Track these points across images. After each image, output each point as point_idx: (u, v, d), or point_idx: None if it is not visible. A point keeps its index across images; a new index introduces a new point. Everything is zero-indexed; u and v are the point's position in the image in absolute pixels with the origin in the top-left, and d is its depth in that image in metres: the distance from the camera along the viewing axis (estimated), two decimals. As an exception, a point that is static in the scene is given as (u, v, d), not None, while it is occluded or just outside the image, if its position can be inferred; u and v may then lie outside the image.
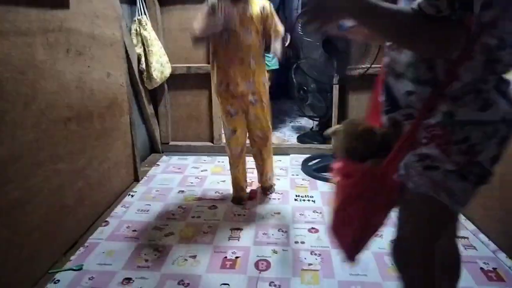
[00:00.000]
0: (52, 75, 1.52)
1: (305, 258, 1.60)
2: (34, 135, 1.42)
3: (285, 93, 5.14)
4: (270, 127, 2.06)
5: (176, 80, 2.80)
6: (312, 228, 1.83)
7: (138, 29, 2.47)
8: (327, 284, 1.44)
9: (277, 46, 1.89)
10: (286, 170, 2.57)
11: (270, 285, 1.43)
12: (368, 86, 2.72)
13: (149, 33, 2.50)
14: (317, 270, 1.52)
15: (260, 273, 1.51)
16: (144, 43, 2.48)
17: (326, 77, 2.46)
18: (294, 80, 3.22)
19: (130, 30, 2.46)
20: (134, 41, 2.46)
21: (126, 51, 2.29)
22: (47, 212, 1.50)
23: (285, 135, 3.39)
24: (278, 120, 3.95)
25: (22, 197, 1.35)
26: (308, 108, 3.18)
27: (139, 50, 2.48)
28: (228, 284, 1.44)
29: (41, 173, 1.46)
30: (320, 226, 1.85)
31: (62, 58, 1.59)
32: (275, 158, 2.77)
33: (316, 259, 1.59)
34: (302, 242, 1.72)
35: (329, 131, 1.16)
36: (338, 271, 1.52)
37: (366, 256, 1.61)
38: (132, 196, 2.19)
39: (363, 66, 2.27)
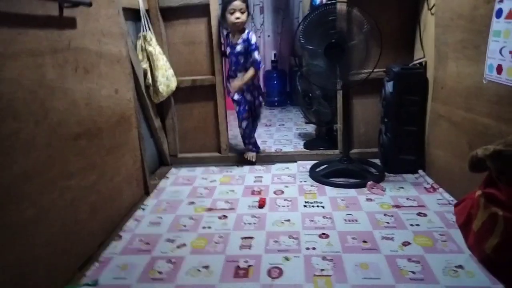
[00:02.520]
0: (61, 93, 1.56)
1: (317, 264, 1.60)
2: (46, 153, 1.45)
3: (290, 101, 5.19)
4: None
5: (182, 93, 2.85)
6: (323, 233, 1.84)
7: (143, 45, 2.52)
8: (340, 289, 1.44)
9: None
10: (294, 177, 2.59)
11: (283, 292, 1.44)
12: (372, 90, 2.78)
13: (154, 48, 2.55)
14: (330, 276, 1.52)
15: (273, 280, 1.51)
16: (149, 58, 2.53)
17: (329, 83, 2.48)
18: (299, 87, 3.25)
19: (135, 46, 2.51)
20: (140, 56, 2.51)
21: (133, 67, 2.34)
22: (61, 228, 1.52)
23: (292, 142, 3.41)
24: (284, 128, 3.98)
25: (37, 214, 1.38)
26: (314, 115, 3.20)
27: (145, 65, 2.53)
28: (241, 293, 1.45)
29: (54, 190, 1.49)
30: (331, 231, 1.85)
31: (71, 76, 1.64)
32: (282, 165, 2.80)
33: (328, 264, 1.60)
34: (313, 248, 1.72)
35: (485, 152, 0.96)
36: (351, 275, 1.52)
37: (378, 259, 1.61)
38: (143, 209, 2.21)
39: (365, 71, 2.29)
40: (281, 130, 3.89)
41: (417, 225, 1.87)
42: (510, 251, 0.93)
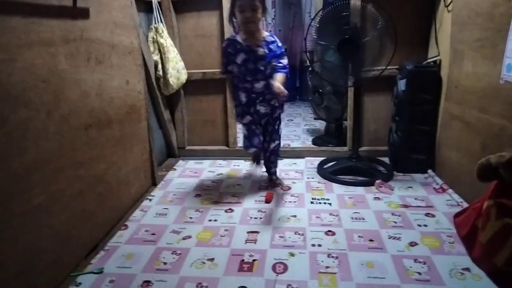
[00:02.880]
0: (73, 83, 1.57)
1: (322, 261, 1.60)
2: (57, 142, 1.47)
3: (299, 96, 5.16)
4: None
5: (192, 86, 2.85)
6: (329, 231, 1.83)
7: (154, 37, 2.52)
8: (344, 287, 1.44)
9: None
10: (302, 173, 2.58)
11: (287, 287, 1.44)
12: (384, 88, 2.74)
13: (165, 40, 2.55)
14: (335, 273, 1.52)
15: (277, 275, 1.51)
16: (160, 50, 2.53)
17: (341, 79, 2.46)
18: (309, 82, 3.23)
19: (147, 37, 2.51)
20: (151, 48, 2.51)
21: (144, 59, 2.34)
22: (69, 216, 1.54)
23: (300, 138, 3.39)
24: (292, 123, 3.96)
25: (46, 202, 1.40)
26: (324, 111, 3.18)
27: (155, 57, 2.53)
28: (245, 287, 1.45)
29: (63, 179, 1.51)
30: (337, 228, 1.85)
31: (83, 67, 1.65)
32: (290, 161, 2.79)
33: (333, 262, 1.59)
34: (319, 245, 1.72)
35: (500, 159, 0.92)
36: (356, 273, 1.51)
37: (384, 258, 1.60)
38: (150, 200, 2.23)
39: (378, 68, 2.26)
40: (290, 126, 3.87)
41: (425, 225, 1.86)
42: None
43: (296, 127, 3.79)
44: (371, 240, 1.74)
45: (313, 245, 1.72)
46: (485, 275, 1.42)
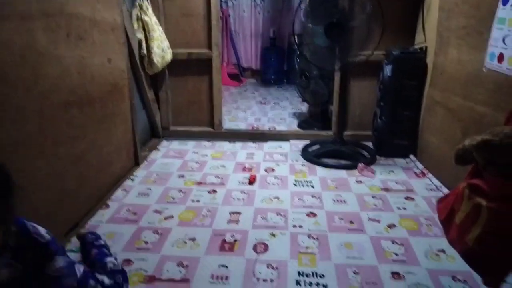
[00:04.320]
0: (53, 59, 1.53)
1: (302, 242, 1.62)
2: (36, 120, 1.44)
3: (286, 79, 5.14)
4: None
5: (177, 66, 2.80)
6: (310, 212, 1.86)
7: (139, 14, 2.46)
8: (323, 266, 1.47)
9: None
10: (286, 156, 2.59)
11: (267, 267, 1.46)
12: (370, 73, 2.75)
13: (150, 18, 2.49)
14: (314, 254, 1.55)
15: (258, 255, 1.54)
16: (145, 28, 2.47)
17: (328, 63, 2.45)
18: (297, 66, 3.22)
19: (131, 15, 2.45)
20: (135, 26, 2.45)
21: (127, 36, 2.29)
22: (48, 195, 1.52)
23: (286, 121, 3.40)
24: (279, 106, 3.96)
25: (24, 181, 1.37)
26: (310, 95, 3.18)
27: (140, 35, 2.47)
28: (226, 266, 1.47)
29: (43, 158, 1.48)
30: (318, 210, 1.87)
31: (63, 43, 1.60)
32: (275, 144, 2.80)
33: (313, 242, 1.62)
34: (300, 226, 1.74)
35: (472, 142, 0.94)
36: (335, 254, 1.54)
37: (363, 239, 1.64)
38: (133, 180, 2.21)
39: (365, 53, 2.26)
40: (276, 109, 3.87)
41: (404, 208, 1.90)
42: (491, 242, 0.93)
43: (282, 110, 3.79)
44: (351, 222, 1.77)
45: (294, 226, 1.75)
46: (459, 257, 1.47)
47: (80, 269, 0.99)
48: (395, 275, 1.42)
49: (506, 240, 0.91)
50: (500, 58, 1.59)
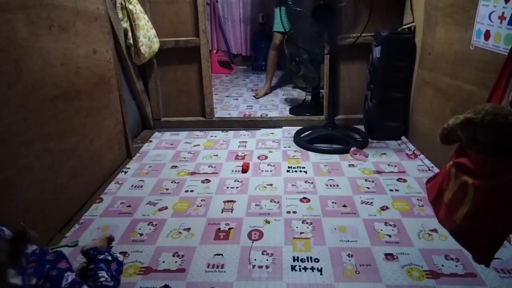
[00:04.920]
0: (35, 52, 1.49)
1: (296, 227, 1.63)
2: (22, 115, 1.41)
3: (277, 65, 5.09)
4: None
5: (165, 55, 2.76)
6: (304, 198, 1.87)
7: (123, 3, 2.40)
8: (318, 251, 1.48)
9: None
10: (279, 143, 2.59)
11: (262, 253, 1.47)
12: (359, 56, 2.73)
13: (135, 7, 2.44)
14: (309, 238, 1.56)
15: (253, 242, 1.54)
16: (130, 17, 2.42)
17: (317, 47, 2.43)
18: (286, 51, 3.18)
19: (115, 4, 2.39)
20: (120, 15, 2.40)
21: (112, 26, 2.24)
22: (40, 191, 1.51)
23: (278, 108, 3.38)
24: (270, 93, 3.93)
25: (13, 177, 1.36)
26: (301, 79, 3.16)
27: (125, 24, 2.42)
28: (221, 254, 1.47)
29: (31, 153, 1.46)
30: (312, 196, 1.88)
31: (45, 35, 1.56)
32: (267, 131, 2.80)
33: (307, 227, 1.63)
34: (294, 212, 1.75)
35: (455, 121, 0.94)
36: (329, 238, 1.55)
37: (356, 222, 1.65)
38: (125, 172, 2.20)
39: (353, 35, 2.24)
40: (267, 95, 3.85)
41: (396, 190, 1.91)
42: (479, 219, 0.95)
43: (274, 97, 3.77)
44: (344, 206, 1.79)
45: (288, 212, 1.75)
46: (450, 236, 1.49)
47: (68, 278, 1.02)
48: (389, 256, 1.44)
49: (492, 216, 0.93)
50: (487, 35, 1.59)
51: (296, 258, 1.44)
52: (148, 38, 2.53)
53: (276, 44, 3.56)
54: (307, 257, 1.44)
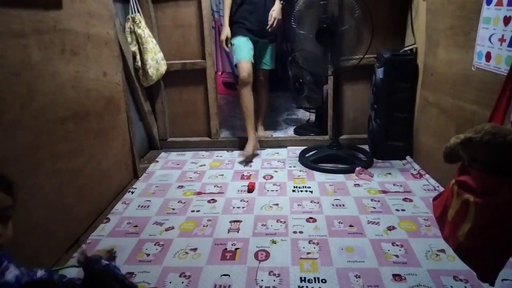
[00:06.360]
0: (48, 75, 1.54)
1: (303, 247, 1.63)
2: (33, 135, 1.44)
3: (280, 86, 5.15)
4: None
5: (172, 77, 2.82)
6: (310, 218, 1.86)
7: (132, 27, 2.48)
8: (325, 271, 1.47)
9: None
10: (284, 162, 2.60)
11: (269, 274, 1.46)
12: (362, 76, 2.77)
13: (143, 31, 2.51)
14: (316, 259, 1.55)
15: (259, 263, 1.54)
16: (138, 41, 2.49)
17: (321, 69, 2.48)
18: (289, 72, 3.24)
19: (124, 28, 2.47)
20: (129, 39, 2.47)
21: (121, 50, 2.31)
22: (48, 211, 1.52)
23: (282, 128, 3.41)
24: (274, 113, 3.96)
25: (23, 197, 1.38)
26: (304, 100, 3.20)
27: (133, 48, 2.49)
28: (228, 275, 1.47)
29: (41, 173, 1.48)
30: (318, 215, 1.88)
31: (57, 59, 1.61)
32: (272, 151, 2.82)
33: (314, 248, 1.62)
34: (300, 232, 1.75)
35: (456, 140, 0.97)
36: (336, 258, 1.55)
37: (363, 243, 1.64)
38: (132, 192, 2.22)
39: (356, 57, 2.29)
40: (272, 116, 3.88)
41: (403, 210, 1.91)
42: (481, 236, 0.95)
43: (279, 117, 3.80)
44: (350, 226, 1.78)
45: (295, 232, 1.75)
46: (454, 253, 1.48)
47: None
48: (397, 277, 1.42)
49: (494, 234, 0.93)
50: (488, 56, 1.62)
51: (303, 278, 1.44)
52: (156, 61, 2.59)
53: (245, 78, 2.59)
54: (315, 278, 1.44)
